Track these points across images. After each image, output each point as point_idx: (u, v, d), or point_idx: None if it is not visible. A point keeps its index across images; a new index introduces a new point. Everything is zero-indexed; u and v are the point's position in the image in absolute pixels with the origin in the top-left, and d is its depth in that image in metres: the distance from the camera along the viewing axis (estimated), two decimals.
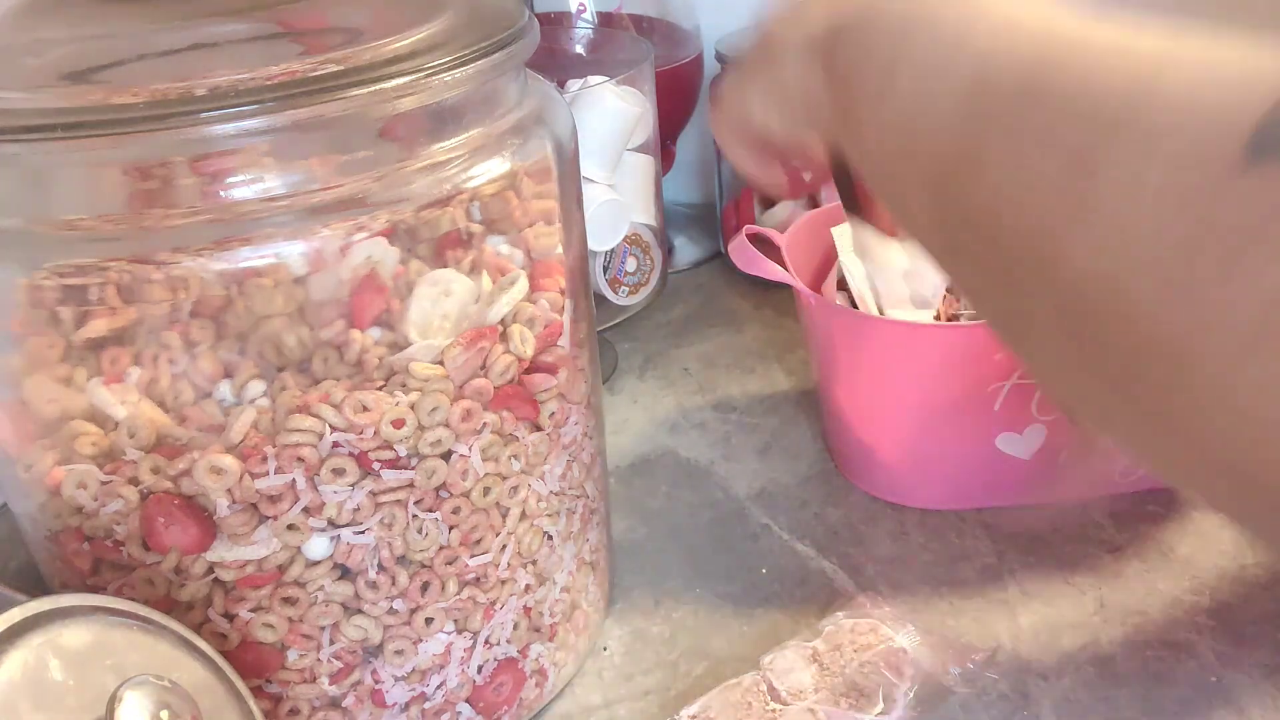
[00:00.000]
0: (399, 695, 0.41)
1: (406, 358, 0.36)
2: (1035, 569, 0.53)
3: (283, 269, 0.33)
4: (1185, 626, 0.48)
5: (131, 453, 0.35)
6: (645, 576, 0.54)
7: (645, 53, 0.71)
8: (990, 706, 0.45)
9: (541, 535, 0.43)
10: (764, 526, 0.57)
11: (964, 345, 0.52)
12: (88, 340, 0.34)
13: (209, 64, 0.32)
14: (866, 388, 0.56)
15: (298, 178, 0.33)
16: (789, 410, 0.68)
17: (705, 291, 0.84)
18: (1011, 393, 0.52)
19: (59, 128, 0.30)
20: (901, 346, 0.53)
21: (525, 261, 0.40)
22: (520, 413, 0.40)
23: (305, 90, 0.31)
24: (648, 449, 0.65)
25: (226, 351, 0.35)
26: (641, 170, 0.71)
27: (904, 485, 0.58)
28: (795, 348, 0.74)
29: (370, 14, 0.38)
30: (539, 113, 0.40)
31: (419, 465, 0.37)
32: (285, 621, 0.38)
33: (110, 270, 0.32)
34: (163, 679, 0.31)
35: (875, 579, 0.53)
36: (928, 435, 0.55)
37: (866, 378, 0.55)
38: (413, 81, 0.33)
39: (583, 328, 0.44)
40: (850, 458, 0.60)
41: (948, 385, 0.53)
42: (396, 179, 0.34)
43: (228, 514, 0.35)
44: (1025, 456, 0.55)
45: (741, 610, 0.52)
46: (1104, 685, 0.46)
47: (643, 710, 0.47)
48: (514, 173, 0.38)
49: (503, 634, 0.43)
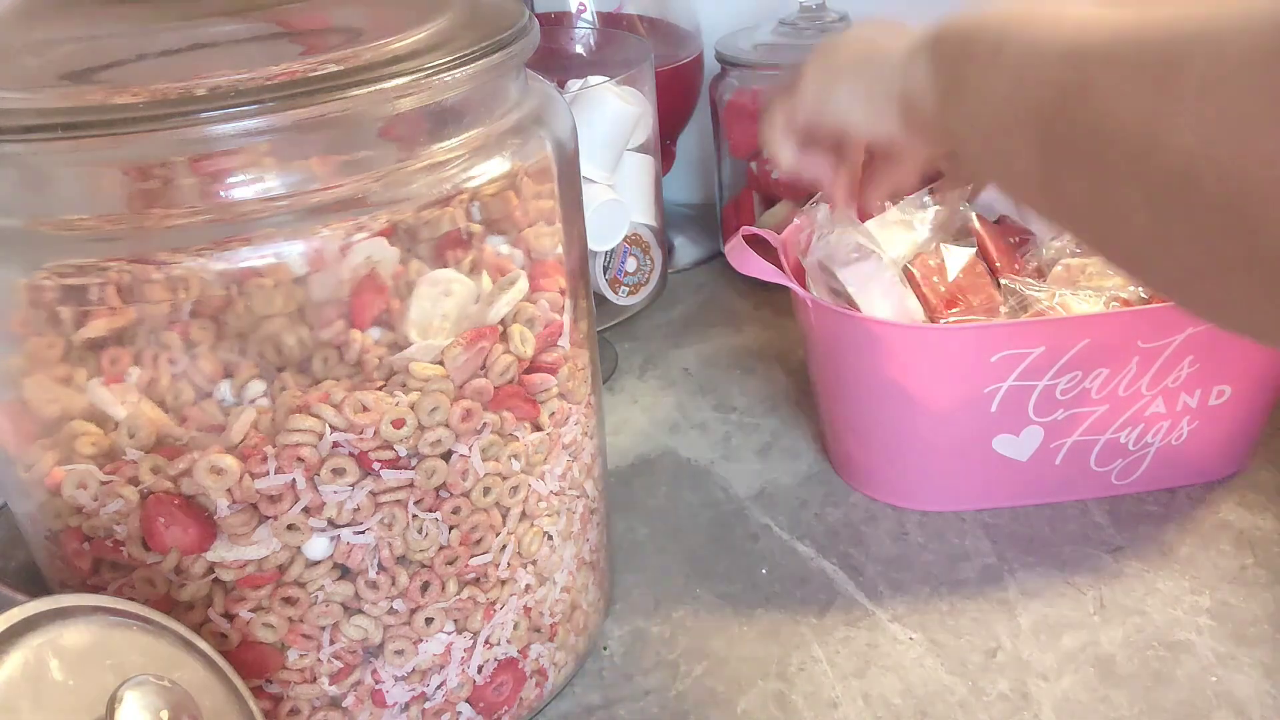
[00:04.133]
0: (399, 695, 0.41)
1: (406, 358, 0.36)
2: (1035, 569, 0.53)
3: (283, 269, 0.33)
4: (1185, 626, 0.49)
5: (131, 453, 0.35)
6: (645, 576, 0.54)
7: (645, 53, 0.71)
8: (990, 706, 0.45)
9: (541, 535, 0.43)
10: (764, 526, 0.57)
11: (959, 347, 0.52)
12: (88, 340, 0.34)
13: (209, 64, 0.32)
14: (862, 389, 0.56)
15: (298, 178, 0.33)
16: (789, 410, 0.68)
17: (705, 291, 0.84)
18: (1008, 394, 0.52)
19: (59, 128, 0.30)
20: (897, 348, 0.53)
21: (525, 261, 0.40)
22: (520, 413, 0.40)
23: (305, 90, 0.31)
24: (648, 449, 0.65)
25: (226, 351, 0.35)
26: (641, 170, 0.71)
27: (901, 487, 0.58)
28: (795, 348, 0.74)
29: (370, 14, 0.38)
30: (539, 113, 0.40)
31: (419, 465, 0.37)
32: (285, 621, 0.38)
33: (110, 270, 0.32)
34: (163, 679, 0.31)
35: (875, 579, 0.53)
36: (924, 437, 0.55)
37: (862, 379, 0.55)
38: (413, 81, 0.33)
39: (583, 328, 0.44)
40: (847, 460, 0.60)
41: (943, 387, 0.53)
42: (396, 179, 0.34)
43: (228, 514, 0.35)
44: (1022, 458, 0.55)
45: (741, 610, 0.52)
46: (1104, 685, 0.46)
47: (643, 710, 0.47)
48: (514, 173, 0.38)
49: (503, 634, 0.43)
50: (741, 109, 0.79)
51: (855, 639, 0.49)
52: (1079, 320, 0.51)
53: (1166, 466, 0.56)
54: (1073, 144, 0.29)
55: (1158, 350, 0.51)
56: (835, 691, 0.47)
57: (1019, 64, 0.32)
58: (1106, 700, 0.45)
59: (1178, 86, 0.25)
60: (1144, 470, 0.56)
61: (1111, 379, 0.52)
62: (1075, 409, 0.53)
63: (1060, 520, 0.56)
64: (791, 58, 0.76)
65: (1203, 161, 0.24)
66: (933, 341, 0.52)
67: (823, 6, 0.80)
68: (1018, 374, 0.52)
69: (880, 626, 0.50)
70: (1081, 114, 0.28)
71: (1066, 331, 0.51)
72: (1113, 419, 0.54)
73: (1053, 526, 0.55)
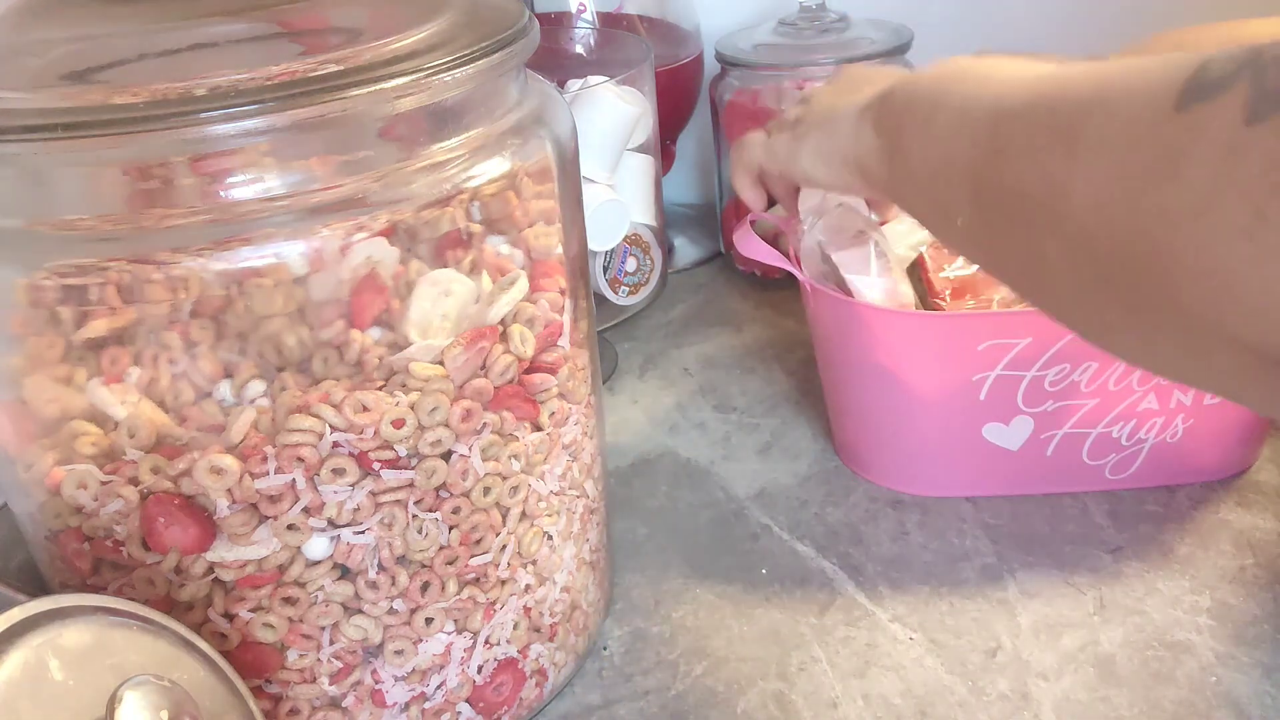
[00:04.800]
0: (399, 695, 0.41)
1: (406, 358, 0.36)
2: (1035, 569, 0.53)
3: (283, 269, 0.33)
4: (1185, 626, 0.49)
5: (131, 453, 0.35)
6: (645, 576, 0.54)
7: (645, 53, 0.71)
8: (990, 706, 0.45)
9: (541, 535, 0.43)
10: (764, 526, 0.57)
11: (945, 333, 0.53)
12: (88, 340, 0.34)
13: (209, 64, 0.32)
14: (855, 373, 0.57)
15: (298, 178, 0.33)
16: (789, 410, 0.68)
17: (705, 291, 0.84)
18: (996, 383, 0.53)
19: (59, 128, 0.30)
20: (884, 333, 0.54)
21: (525, 261, 0.40)
22: (520, 413, 0.40)
23: (305, 90, 0.31)
24: (648, 449, 0.65)
25: (226, 351, 0.35)
26: (641, 170, 0.71)
27: (896, 472, 0.59)
28: (795, 348, 0.74)
29: (370, 14, 0.38)
30: (539, 113, 0.40)
31: (419, 465, 0.37)
32: (285, 621, 0.38)
33: (110, 270, 0.32)
34: (163, 679, 0.31)
35: (875, 579, 0.53)
36: (915, 422, 0.56)
37: (854, 363, 0.56)
38: (413, 81, 0.33)
39: (583, 328, 0.44)
40: (847, 443, 0.61)
41: (933, 373, 0.54)
42: (396, 179, 0.34)
43: (228, 514, 0.35)
44: (1013, 448, 0.55)
45: (741, 610, 0.52)
46: (1104, 685, 0.46)
47: (642, 710, 0.47)
48: (514, 173, 0.38)
49: (503, 634, 0.43)
50: (741, 109, 0.79)
51: (855, 639, 0.49)
52: None
53: (1163, 463, 0.56)
54: (998, 203, 0.30)
55: None
56: (835, 691, 0.47)
57: (948, 129, 0.34)
58: (1106, 700, 0.45)
59: (1077, 146, 0.26)
60: (1139, 466, 0.56)
61: (1101, 372, 0.52)
62: (1065, 401, 0.53)
63: (1060, 520, 0.56)
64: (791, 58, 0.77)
65: (1101, 217, 0.25)
66: (918, 328, 0.53)
67: (823, 6, 0.80)
68: (1005, 363, 0.52)
69: (880, 626, 0.50)
70: (1002, 175, 0.30)
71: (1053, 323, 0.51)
72: (1104, 413, 0.54)
73: (1052, 526, 0.55)
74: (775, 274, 0.83)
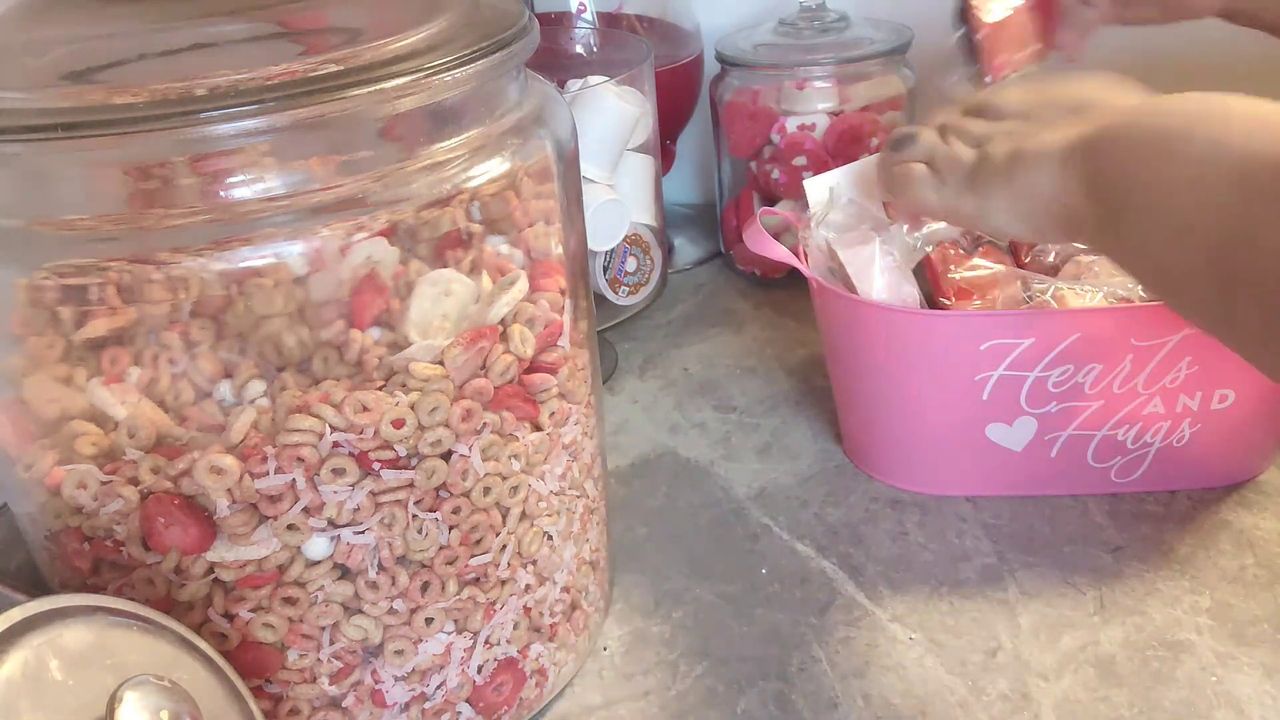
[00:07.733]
0: (399, 695, 0.41)
1: (406, 358, 0.36)
2: (1035, 569, 0.53)
3: (283, 269, 0.33)
4: (1185, 626, 0.49)
5: (131, 453, 0.35)
6: (645, 576, 0.54)
7: (645, 53, 0.71)
8: (990, 706, 0.45)
9: (541, 535, 0.43)
10: (764, 526, 0.57)
11: (946, 334, 0.53)
12: (88, 340, 0.34)
13: (209, 64, 0.32)
14: (860, 370, 0.57)
15: (298, 178, 0.33)
16: (789, 410, 0.68)
17: (705, 291, 0.84)
18: (999, 383, 0.52)
19: (59, 128, 0.30)
20: (886, 331, 0.54)
21: (525, 261, 0.40)
22: (520, 413, 0.40)
23: (305, 90, 0.31)
24: (648, 449, 0.65)
25: (226, 351, 0.35)
26: (641, 170, 0.71)
27: (900, 470, 0.59)
28: (795, 348, 0.74)
29: (370, 14, 0.38)
30: (539, 113, 0.40)
31: (419, 465, 0.37)
32: (285, 621, 0.38)
33: (110, 270, 0.32)
34: (163, 679, 0.31)
35: (875, 579, 0.53)
36: (918, 420, 0.56)
37: (859, 360, 0.57)
38: (413, 81, 0.33)
39: (583, 328, 0.44)
40: (853, 440, 0.61)
41: (933, 372, 0.54)
42: (396, 179, 0.34)
43: (228, 514, 0.35)
44: (1016, 449, 0.55)
45: (741, 610, 0.52)
46: (1104, 685, 0.46)
47: (643, 710, 0.47)
48: (514, 173, 0.38)
49: (503, 634, 0.43)
50: (741, 109, 0.79)
51: (855, 639, 0.49)
52: (1069, 314, 0.51)
53: (1169, 468, 0.56)
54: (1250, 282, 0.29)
55: (1153, 349, 0.51)
56: (835, 691, 0.47)
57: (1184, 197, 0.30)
58: (1106, 700, 0.45)
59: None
60: (1145, 470, 0.56)
61: (1105, 375, 0.52)
62: (1069, 402, 0.53)
63: (1060, 520, 0.56)
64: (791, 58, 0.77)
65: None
66: (920, 326, 0.53)
67: (823, 6, 0.80)
68: (1008, 364, 0.52)
69: (880, 626, 0.50)
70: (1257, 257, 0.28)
71: (1056, 324, 0.51)
72: (1108, 415, 0.54)
73: (1053, 526, 0.55)
74: (775, 274, 0.83)
